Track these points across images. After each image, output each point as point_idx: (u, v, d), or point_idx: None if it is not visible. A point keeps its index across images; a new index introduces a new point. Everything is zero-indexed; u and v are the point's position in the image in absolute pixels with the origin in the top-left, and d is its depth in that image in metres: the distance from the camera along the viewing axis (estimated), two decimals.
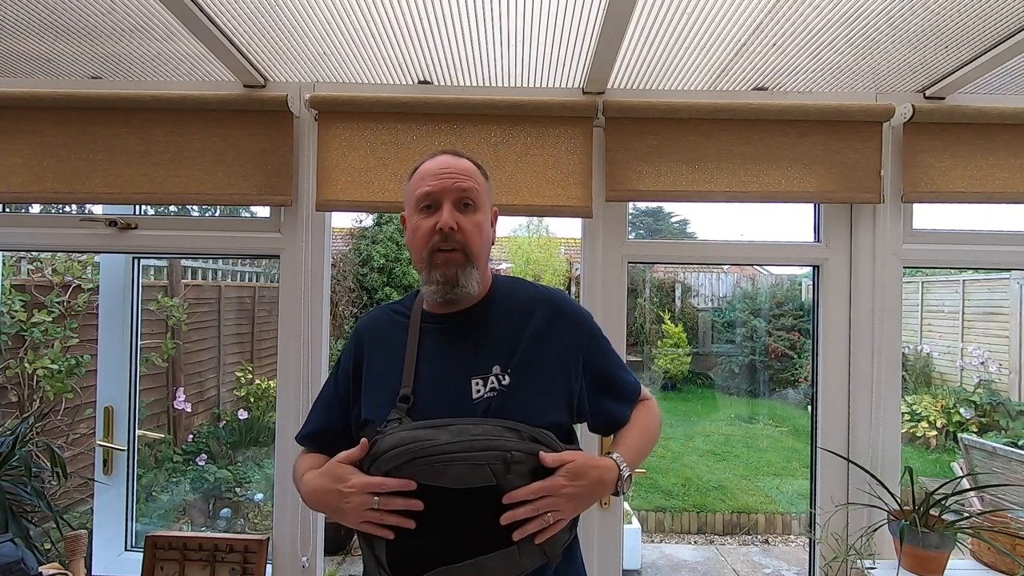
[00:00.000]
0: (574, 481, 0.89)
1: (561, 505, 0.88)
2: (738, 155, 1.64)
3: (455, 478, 0.85)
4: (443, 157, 1.03)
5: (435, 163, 1.02)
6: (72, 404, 2.79)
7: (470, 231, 0.98)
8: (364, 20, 1.36)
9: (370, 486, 0.87)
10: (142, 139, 1.64)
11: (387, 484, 0.86)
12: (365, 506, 0.86)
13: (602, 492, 0.94)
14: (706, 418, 5.87)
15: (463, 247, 0.97)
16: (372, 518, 0.87)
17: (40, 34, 1.44)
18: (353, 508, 0.87)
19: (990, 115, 1.62)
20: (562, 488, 0.88)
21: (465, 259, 0.98)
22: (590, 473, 0.91)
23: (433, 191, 0.98)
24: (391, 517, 0.86)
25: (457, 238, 0.96)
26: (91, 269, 2.93)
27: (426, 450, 0.86)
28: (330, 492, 0.90)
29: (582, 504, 0.91)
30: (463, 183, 0.99)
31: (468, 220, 0.98)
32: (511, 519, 0.85)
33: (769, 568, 3.60)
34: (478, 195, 1.00)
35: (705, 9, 1.29)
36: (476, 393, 0.95)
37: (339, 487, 0.89)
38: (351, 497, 0.87)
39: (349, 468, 0.91)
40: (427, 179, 0.99)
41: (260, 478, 3.60)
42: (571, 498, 0.89)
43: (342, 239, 6.01)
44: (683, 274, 6.83)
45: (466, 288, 0.98)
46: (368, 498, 0.86)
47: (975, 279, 5.45)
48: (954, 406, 4.79)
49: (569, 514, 0.90)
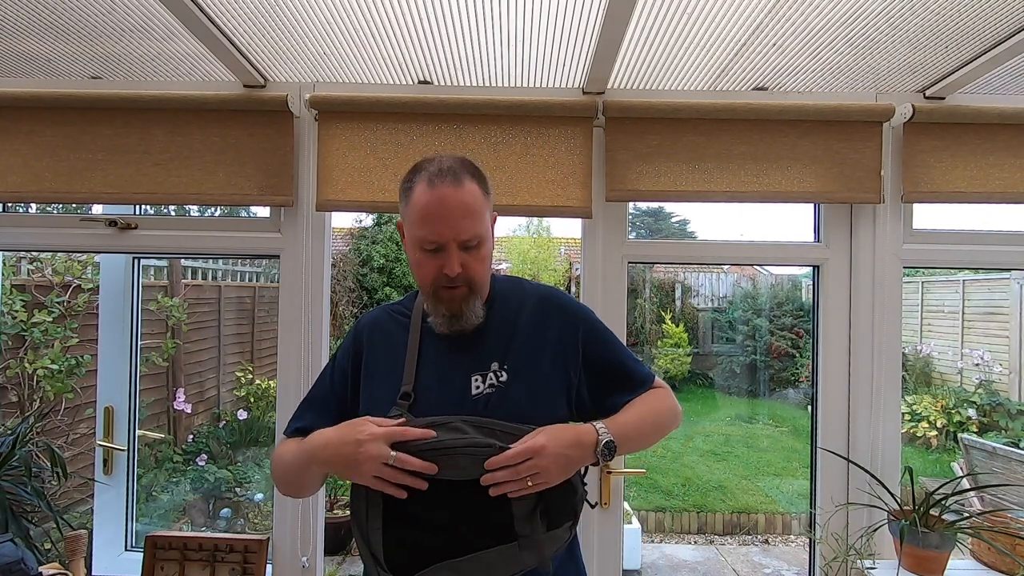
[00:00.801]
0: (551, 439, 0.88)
1: (542, 465, 0.86)
2: (738, 155, 1.64)
3: (457, 470, 0.86)
4: (444, 190, 0.92)
5: (436, 201, 0.92)
6: (72, 404, 2.79)
7: (475, 268, 0.96)
8: (364, 20, 1.36)
9: (390, 435, 0.86)
10: (142, 139, 1.64)
11: (408, 433, 0.86)
12: (382, 459, 0.84)
13: (579, 451, 0.91)
14: (706, 418, 5.87)
15: (468, 283, 0.96)
16: (386, 474, 0.85)
17: (40, 34, 1.44)
18: (369, 458, 0.85)
19: (990, 115, 1.62)
20: (541, 447, 0.87)
21: (470, 292, 0.97)
22: (565, 432, 0.91)
23: (437, 240, 0.93)
24: (405, 476, 0.85)
25: (462, 278, 0.95)
26: (91, 269, 2.93)
27: (428, 442, 0.86)
28: (346, 442, 0.87)
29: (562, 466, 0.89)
30: (466, 232, 0.93)
31: (473, 258, 0.96)
32: (490, 481, 0.85)
33: (769, 568, 3.60)
34: (482, 232, 0.96)
35: (705, 9, 1.29)
36: (476, 390, 0.96)
37: (357, 435, 0.87)
38: (368, 445, 0.85)
39: (367, 419, 0.90)
40: (429, 223, 0.92)
41: (260, 478, 3.61)
42: (555, 458, 0.87)
43: (342, 239, 6.01)
44: (683, 274, 6.83)
45: (470, 319, 0.98)
46: (386, 451, 0.85)
47: (975, 279, 5.45)
48: (954, 406, 4.79)
49: (551, 477, 0.88)
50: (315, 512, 1.70)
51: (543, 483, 0.87)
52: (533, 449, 0.87)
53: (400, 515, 0.90)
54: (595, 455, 0.92)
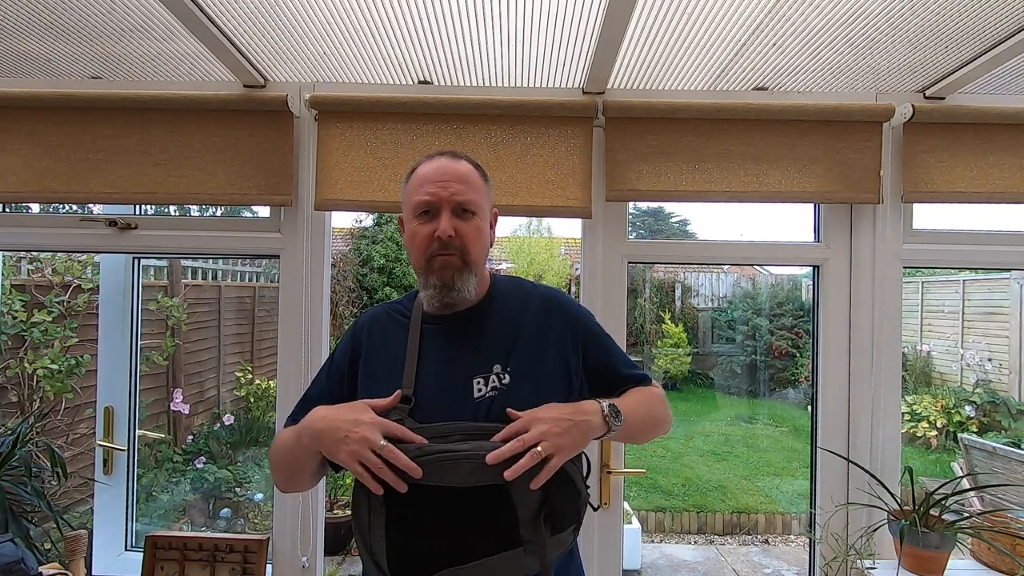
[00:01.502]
0: (554, 410, 0.88)
1: (549, 433, 0.84)
2: (738, 155, 1.64)
3: (462, 477, 0.84)
4: (441, 160, 1.00)
5: (433, 168, 0.99)
6: (72, 404, 2.79)
7: (469, 236, 0.97)
8: (364, 20, 1.36)
9: (386, 427, 0.86)
10: (142, 139, 1.64)
11: (405, 433, 0.86)
12: (370, 444, 0.83)
13: (588, 423, 0.89)
14: (706, 418, 5.87)
15: (461, 252, 0.97)
16: (370, 461, 0.83)
17: (40, 34, 1.44)
18: (359, 438, 0.84)
19: (990, 115, 1.62)
20: (541, 414, 0.86)
21: (463, 264, 0.97)
22: (567, 406, 0.91)
23: (431, 200, 0.96)
24: (387, 471, 0.83)
25: (455, 244, 0.96)
26: (91, 269, 2.93)
27: (432, 448, 0.85)
28: (345, 418, 0.87)
29: (570, 433, 0.86)
30: (461, 195, 0.97)
31: (467, 226, 0.97)
32: (497, 458, 0.82)
33: (769, 568, 3.60)
34: (477, 202, 0.99)
35: (705, 9, 1.29)
36: (478, 393, 0.95)
37: (356, 415, 0.87)
38: (364, 427, 0.85)
39: (371, 408, 0.90)
40: (425, 186, 0.97)
41: (260, 478, 3.61)
42: (556, 423, 0.86)
43: (342, 239, 6.01)
44: (683, 274, 6.83)
45: (462, 292, 0.98)
46: (377, 435, 0.84)
47: (975, 279, 5.45)
48: (954, 406, 4.79)
49: (562, 446, 0.85)
50: (315, 512, 1.70)
51: (552, 450, 0.84)
52: (530, 417, 0.86)
53: (403, 522, 0.89)
54: (603, 420, 0.91)
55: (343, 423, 0.87)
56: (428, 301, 1.00)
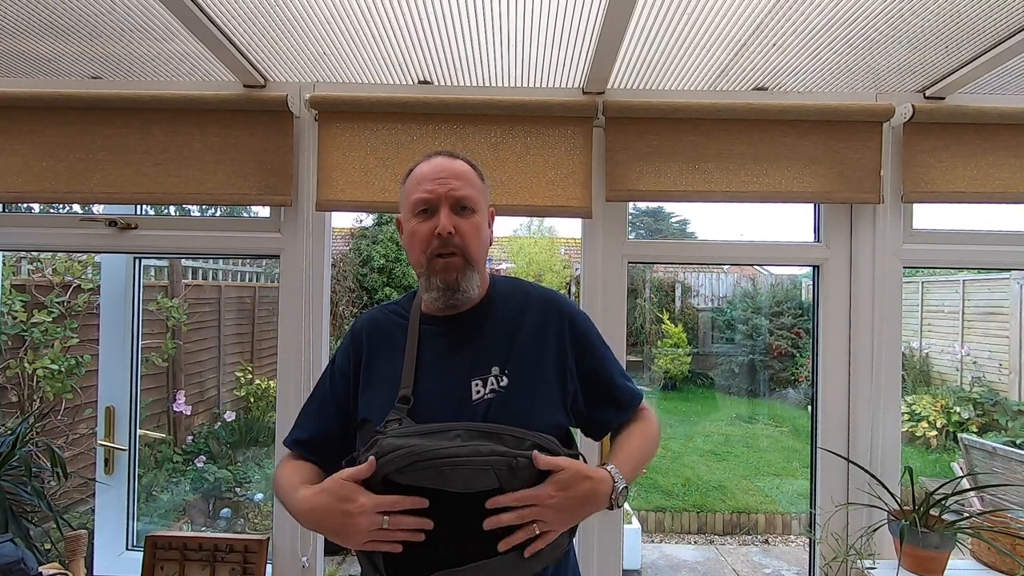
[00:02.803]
0: (562, 491, 0.85)
1: (548, 516, 0.85)
2: (738, 155, 1.64)
3: (461, 482, 0.84)
4: (438, 160, 1.01)
5: (430, 166, 1.00)
6: (72, 404, 2.79)
7: (468, 234, 0.97)
8: (364, 20, 1.36)
9: (380, 505, 0.83)
10: (142, 139, 1.64)
11: (401, 503, 0.84)
12: (374, 527, 0.83)
13: (594, 506, 0.89)
14: (706, 418, 5.87)
15: (462, 251, 0.96)
16: (380, 537, 0.84)
17: (40, 34, 1.44)
18: (360, 530, 0.83)
19: (990, 115, 1.62)
20: (549, 499, 0.85)
21: (465, 263, 0.97)
22: (581, 485, 0.87)
23: (430, 197, 0.96)
24: (402, 534, 0.84)
25: (456, 242, 0.95)
26: (91, 269, 2.93)
27: (432, 452, 0.84)
28: (333, 512, 0.85)
29: (570, 518, 0.88)
30: (459, 191, 0.97)
31: (466, 223, 0.97)
32: (494, 525, 0.83)
33: (769, 568, 3.60)
34: (475, 199, 0.99)
35: (705, 9, 1.29)
36: (476, 394, 0.95)
37: (345, 507, 0.84)
38: (359, 519, 0.83)
39: (355, 487, 0.85)
40: (423, 184, 0.97)
41: (260, 478, 3.61)
42: (559, 510, 0.85)
43: (342, 239, 6.01)
44: (683, 274, 6.83)
45: (467, 293, 0.98)
46: (377, 518, 0.83)
47: (975, 279, 5.45)
48: (953, 406, 4.79)
49: (557, 526, 0.87)
50: None
51: (548, 528, 0.85)
52: (538, 498, 0.85)
53: None
54: (609, 501, 0.91)
55: (335, 518, 0.85)
56: (432, 302, 1.00)
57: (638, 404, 1.08)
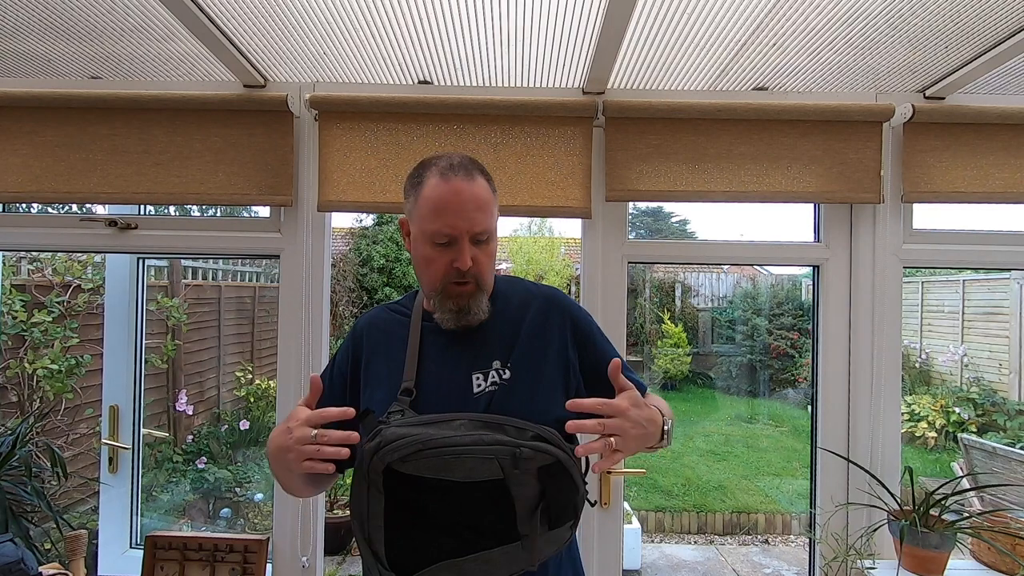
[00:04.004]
0: (636, 408, 0.86)
1: (626, 429, 0.84)
2: (738, 155, 1.64)
3: (464, 471, 0.84)
4: (457, 183, 0.94)
5: (450, 193, 0.94)
6: (72, 404, 2.79)
7: (484, 263, 0.98)
8: (364, 20, 1.36)
9: (310, 419, 0.85)
10: (142, 139, 1.64)
11: (326, 414, 0.85)
12: (304, 440, 0.83)
13: (653, 434, 0.90)
14: (706, 418, 5.87)
15: (477, 279, 0.97)
16: (309, 452, 0.83)
17: (40, 34, 1.44)
18: (295, 441, 0.84)
19: (990, 115, 1.62)
20: (627, 411, 0.85)
21: (478, 288, 0.98)
22: (645, 408, 0.89)
23: (452, 233, 0.94)
24: (327, 449, 0.83)
25: (472, 272, 0.96)
26: (91, 269, 2.93)
27: (435, 441, 0.84)
28: (281, 432, 0.88)
29: (640, 438, 0.87)
30: (480, 225, 0.95)
31: (483, 253, 0.97)
32: (576, 429, 0.82)
33: (769, 568, 3.60)
34: (492, 227, 0.99)
35: (705, 9, 1.29)
36: (477, 388, 0.96)
37: (288, 424, 0.87)
38: (295, 431, 0.85)
39: (302, 408, 0.89)
40: (444, 216, 0.93)
41: (260, 478, 3.61)
42: (635, 424, 0.85)
43: (342, 239, 6.01)
44: (683, 274, 6.83)
45: (478, 315, 0.98)
46: (307, 431, 0.83)
47: (975, 279, 5.44)
48: (952, 406, 4.80)
49: (630, 445, 0.85)
50: (315, 512, 1.70)
51: (621, 446, 0.84)
52: (620, 408, 0.85)
53: (403, 514, 0.89)
54: (663, 433, 0.93)
55: (281, 437, 0.88)
56: (444, 323, 1.00)
57: (643, 394, 1.08)
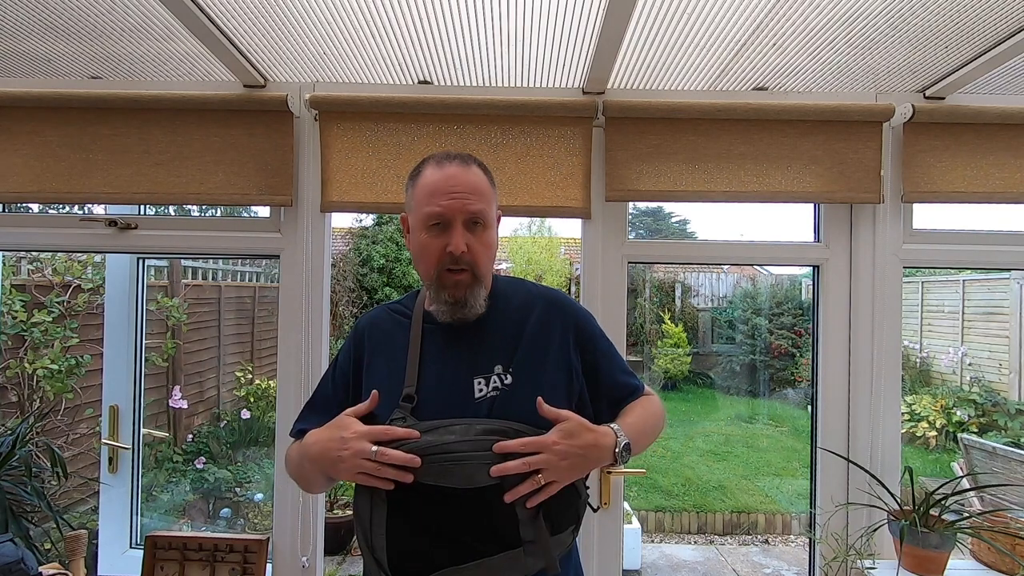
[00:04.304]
0: (567, 439, 0.87)
1: (553, 464, 0.85)
2: (738, 155, 1.64)
3: (464, 477, 0.85)
4: (452, 169, 0.96)
5: (444, 177, 0.96)
6: (72, 404, 2.79)
7: (480, 252, 0.97)
8: (364, 20, 1.36)
9: (372, 434, 0.87)
10: (142, 139, 1.64)
11: (391, 432, 0.87)
12: (363, 455, 0.85)
13: (598, 457, 0.90)
14: (706, 418, 5.87)
15: (472, 268, 0.96)
16: (368, 468, 0.85)
17: (40, 34, 1.44)
18: (351, 455, 0.86)
19: (990, 115, 1.62)
20: (554, 445, 0.86)
21: (474, 279, 0.97)
22: (585, 435, 0.89)
23: (444, 213, 0.94)
24: (388, 470, 0.85)
25: (467, 259, 0.95)
26: (91, 269, 2.93)
27: (435, 447, 0.85)
28: (332, 440, 0.89)
29: (577, 467, 0.88)
30: (474, 205, 0.95)
31: (478, 240, 0.97)
32: (501, 472, 0.84)
33: (769, 568, 3.60)
34: (487, 213, 0.98)
35: (705, 9, 1.29)
36: (479, 392, 0.95)
37: (342, 434, 0.89)
38: (351, 443, 0.86)
39: (352, 419, 0.92)
40: (437, 197, 0.95)
41: (260, 478, 3.61)
42: (564, 456, 0.86)
43: (342, 239, 6.01)
44: (683, 274, 6.83)
45: (474, 308, 0.98)
46: (367, 446, 0.85)
47: (975, 279, 5.44)
48: (953, 406, 4.80)
49: (563, 476, 0.87)
50: (315, 512, 1.70)
51: (553, 481, 0.86)
52: (543, 444, 0.86)
53: (405, 520, 0.89)
54: (614, 455, 0.92)
55: (332, 444, 0.89)
56: (440, 316, 1.00)
57: (641, 395, 1.09)
